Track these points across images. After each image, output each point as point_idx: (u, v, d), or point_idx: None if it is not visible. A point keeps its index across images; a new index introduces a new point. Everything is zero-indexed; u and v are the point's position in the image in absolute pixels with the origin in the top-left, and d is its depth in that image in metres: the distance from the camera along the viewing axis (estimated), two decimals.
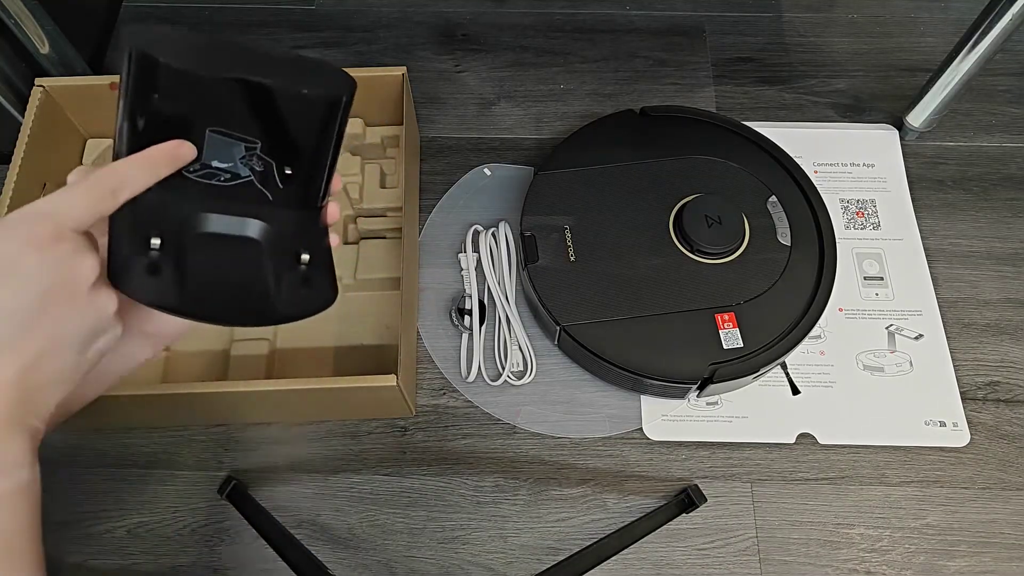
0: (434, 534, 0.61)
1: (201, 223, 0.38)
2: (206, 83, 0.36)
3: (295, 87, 0.37)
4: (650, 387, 0.62)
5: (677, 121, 0.72)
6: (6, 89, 0.72)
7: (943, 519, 0.61)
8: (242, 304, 0.39)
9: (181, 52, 0.35)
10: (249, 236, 0.39)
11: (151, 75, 0.34)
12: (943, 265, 0.71)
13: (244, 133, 0.38)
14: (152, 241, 0.36)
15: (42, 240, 0.31)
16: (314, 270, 0.40)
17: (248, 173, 0.39)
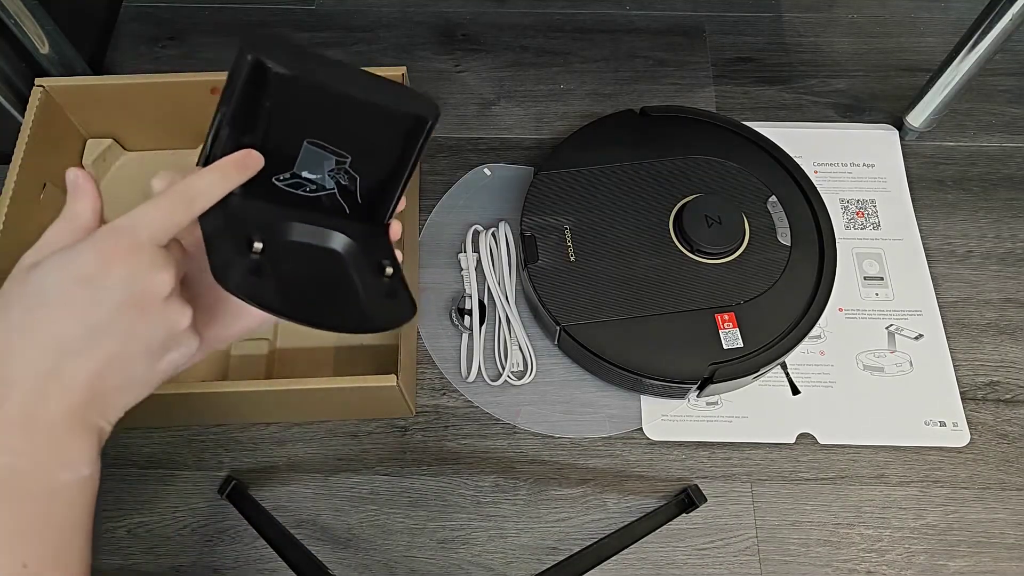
0: (434, 534, 0.61)
1: (292, 231, 0.39)
2: (310, 95, 0.36)
3: (393, 107, 0.39)
4: (650, 387, 0.62)
5: (677, 121, 0.72)
6: (6, 89, 0.72)
7: (943, 519, 0.61)
8: (336, 309, 0.39)
9: (290, 61, 0.36)
10: (334, 248, 0.41)
11: (261, 82, 0.35)
12: (943, 265, 0.71)
13: (337, 147, 0.39)
14: (255, 244, 0.36)
15: (119, 253, 0.32)
16: (396, 283, 0.41)
17: (332, 186, 0.40)
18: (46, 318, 0.32)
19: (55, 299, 0.32)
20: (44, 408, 0.31)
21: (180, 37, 0.85)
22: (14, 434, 0.31)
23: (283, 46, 0.36)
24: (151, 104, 0.68)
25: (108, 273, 0.32)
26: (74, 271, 0.32)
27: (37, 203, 0.64)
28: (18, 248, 0.61)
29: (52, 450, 0.32)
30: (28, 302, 0.32)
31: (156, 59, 0.83)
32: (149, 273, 0.33)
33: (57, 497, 0.32)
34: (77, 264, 0.32)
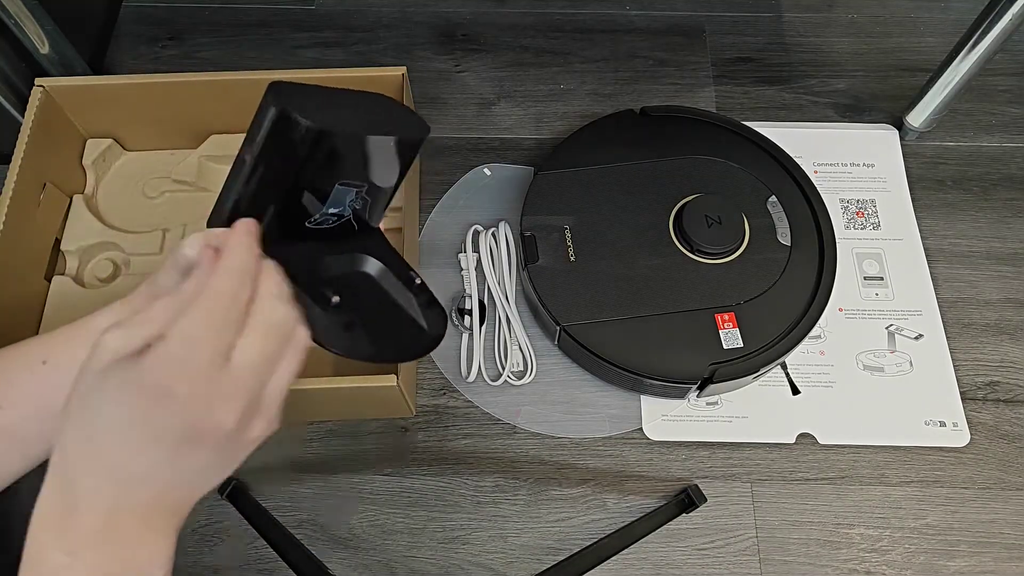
0: (434, 534, 0.61)
1: (334, 267, 0.40)
2: (335, 139, 0.36)
3: (399, 135, 0.39)
4: (650, 387, 0.62)
5: (677, 121, 0.72)
6: (6, 89, 0.72)
7: (943, 519, 0.61)
8: (403, 337, 0.40)
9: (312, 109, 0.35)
10: (368, 272, 0.41)
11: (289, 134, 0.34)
12: (943, 265, 0.71)
13: (356, 179, 0.39)
14: (333, 299, 0.36)
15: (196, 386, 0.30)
16: (426, 291, 0.42)
17: (349, 212, 0.41)
18: (111, 447, 0.30)
19: (114, 429, 0.30)
20: (117, 527, 0.30)
21: (180, 37, 0.85)
22: (91, 551, 0.30)
23: (302, 93, 0.36)
24: (151, 104, 0.68)
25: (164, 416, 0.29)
26: (130, 405, 0.29)
27: (37, 203, 0.64)
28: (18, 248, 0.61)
29: (127, 562, 0.30)
30: (93, 423, 0.30)
31: (156, 59, 0.83)
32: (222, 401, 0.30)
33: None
34: (132, 398, 0.29)
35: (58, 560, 0.29)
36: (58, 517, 0.30)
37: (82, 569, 0.29)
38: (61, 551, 0.29)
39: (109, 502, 0.30)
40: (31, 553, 0.30)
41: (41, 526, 0.30)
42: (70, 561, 0.29)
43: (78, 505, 0.30)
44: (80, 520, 0.30)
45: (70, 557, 0.29)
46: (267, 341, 0.31)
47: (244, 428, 0.31)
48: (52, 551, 0.30)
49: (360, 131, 0.38)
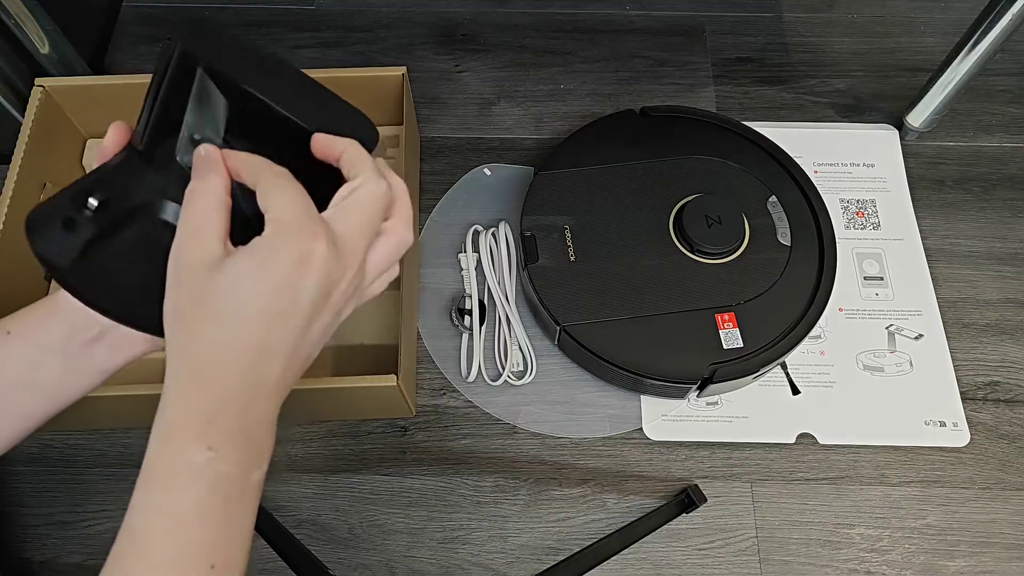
0: (434, 534, 0.61)
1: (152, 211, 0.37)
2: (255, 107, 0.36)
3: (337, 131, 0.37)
4: (650, 387, 0.62)
5: (677, 121, 0.72)
6: (6, 89, 0.72)
7: (943, 519, 0.61)
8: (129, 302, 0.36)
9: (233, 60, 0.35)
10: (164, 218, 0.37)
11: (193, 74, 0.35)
12: (943, 265, 0.71)
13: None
14: (90, 200, 0.35)
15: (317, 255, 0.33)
16: None
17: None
18: (248, 334, 0.32)
19: (255, 311, 0.32)
20: (252, 412, 0.32)
21: None
22: (228, 444, 0.32)
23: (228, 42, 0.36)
24: None
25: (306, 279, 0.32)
26: (273, 280, 0.32)
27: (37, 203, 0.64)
28: (18, 248, 0.61)
29: (253, 453, 0.33)
30: (223, 314, 0.32)
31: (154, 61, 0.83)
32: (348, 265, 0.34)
33: (247, 499, 0.33)
34: (274, 273, 0.32)
35: (199, 457, 0.31)
36: (198, 422, 0.31)
37: (222, 460, 0.31)
38: (201, 448, 0.31)
39: (247, 394, 0.32)
40: (172, 459, 0.31)
41: (182, 434, 0.31)
42: (211, 455, 0.31)
43: (214, 404, 0.32)
44: (219, 420, 0.32)
45: (211, 451, 0.31)
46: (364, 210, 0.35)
47: (354, 292, 0.35)
48: (192, 451, 0.31)
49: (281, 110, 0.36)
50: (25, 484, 0.63)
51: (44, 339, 0.40)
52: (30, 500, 0.62)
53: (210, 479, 0.31)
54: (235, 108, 0.36)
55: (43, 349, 0.40)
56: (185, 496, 0.31)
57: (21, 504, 0.62)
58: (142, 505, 0.32)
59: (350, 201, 0.34)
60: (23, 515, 0.61)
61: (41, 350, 0.40)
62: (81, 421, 0.63)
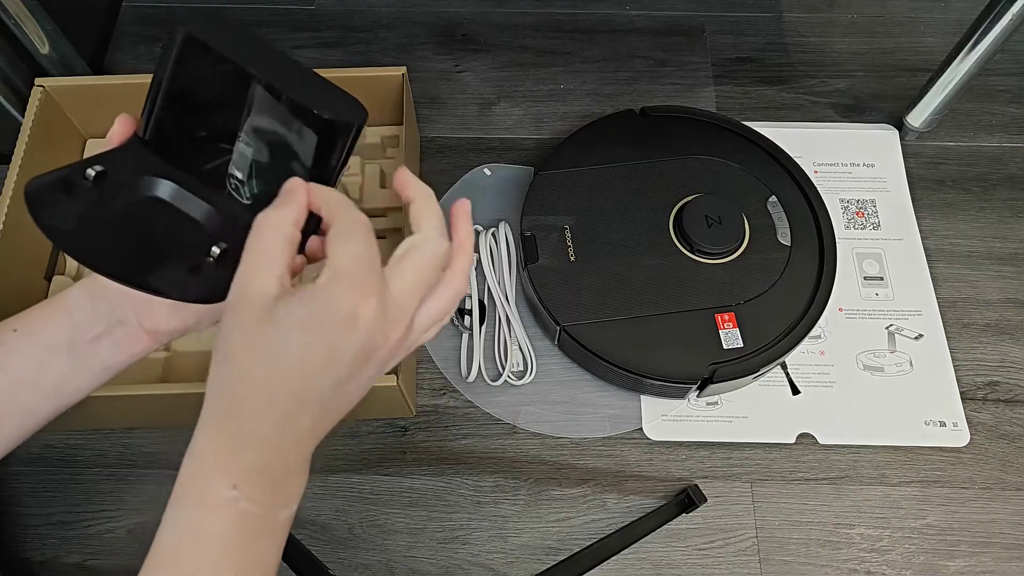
0: (434, 534, 0.61)
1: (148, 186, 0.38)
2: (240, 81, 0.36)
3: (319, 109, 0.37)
4: (650, 387, 0.62)
5: (677, 121, 0.72)
6: (6, 89, 0.72)
7: (943, 519, 0.61)
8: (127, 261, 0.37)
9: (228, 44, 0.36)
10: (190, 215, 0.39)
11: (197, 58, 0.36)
12: (943, 265, 0.71)
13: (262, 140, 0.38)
14: (88, 171, 0.36)
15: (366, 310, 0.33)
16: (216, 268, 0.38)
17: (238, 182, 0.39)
18: (288, 381, 0.32)
19: (298, 360, 0.32)
20: (279, 456, 0.33)
21: None
22: (254, 483, 0.32)
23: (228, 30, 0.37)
24: None
25: (349, 338, 0.32)
26: (319, 334, 0.32)
27: None
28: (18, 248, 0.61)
29: (279, 494, 0.33)
30: (266, 357, 0.32)
31: (156, 59, 0.83)
32: (396, 326, 0.34)
33: (273, 535, 0.34)
34: (321, 327, 0.32)
35: (224, 493, 0.31)
36: (226, 457, 0.32)
37: (245, 500, 0.32)
38: (226, 485, 0.32)
39: (278, 435, 0.32)
40: (198, 486, 0.32)
41: (210, 466, 0.32)
42: (236, 494, 0.31)
43: (242, 443, 0.32)
44: (245, 458, 0.32)
45: (235, 490, 0.31)
46: (420, 272, 0.35)
47: (400, 347, 0.35)
48: (218, 485, 0.32)
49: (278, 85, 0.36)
50: (25, 484, 0.63)
51: (50, 338, 0.40)
52: (30, 500, 0.62)
53: (234, 515, 0.32)
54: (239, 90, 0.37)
55: (49, 348, 0.40)
56: (210, 524, 0.32)
57: (21, 504, 0.62)
58: (172, 522, 0.33)
59: (409, 261, 0.35)
60: (23, 515, 0.61)
61: (47, 349, 0.40)
62: (81, 421, 0.63)
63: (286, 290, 0.33)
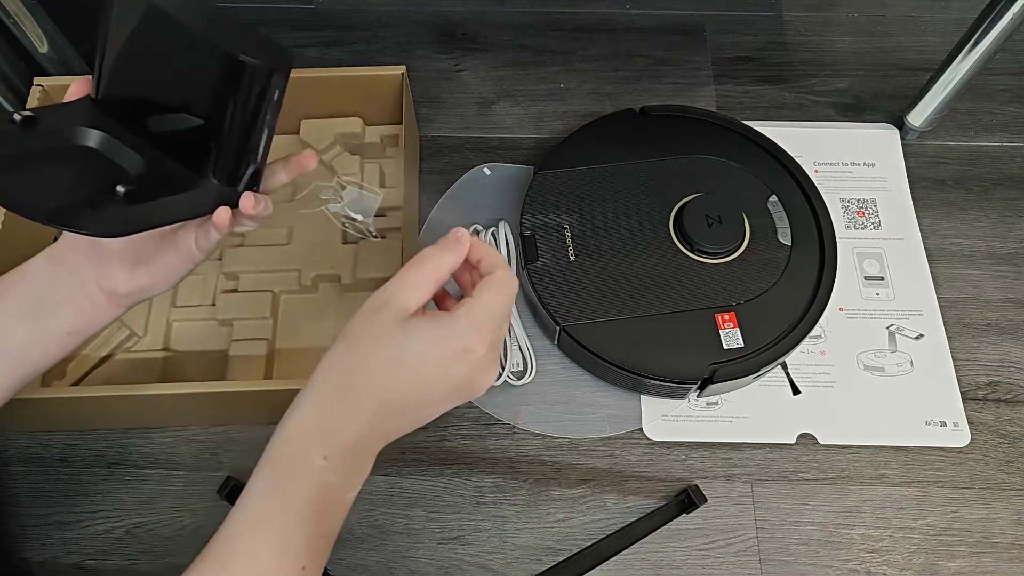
0: (433, 534, 0.61)
1: (77, 135, 0.41)
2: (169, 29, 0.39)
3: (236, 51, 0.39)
4: (650, 387, 0.62)
5: (677, 120, 0.72)
6: (5, 88, 0.72)
7: (944, 519, 0.61)
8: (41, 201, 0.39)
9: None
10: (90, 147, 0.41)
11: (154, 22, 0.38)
12: (944, 265, 0.71)
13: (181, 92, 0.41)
14: (15, 115, 0.39)
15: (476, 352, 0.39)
16: (123, 206, 0.40)
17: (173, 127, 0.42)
18: (397, 382, 0.37)
19: (411, 369, 0.37)
20: (365, 444, 0.38)
21: None
22: (341, 460, 0.37)
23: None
24: None
25: (459, 368, 0.38)
26: (437, 354, 0.37)
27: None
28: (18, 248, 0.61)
29: (354, 475, 0.38)
30: (388, 358, 0.37)
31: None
32: (489, 373, 0.39)
33: (341, 512, 0.38)
34: (441, 349, 0.37)
35: (317, 462, 0.36)
36: (325, 429, 0.37)
37: (331, 472, 0.36)
38: (321, 453, 0.36)
39: (368, 426, 0.37)
40: (295, 451, 0.36)
41: (309, 434, 0.37)
42: (324, 464, 0.36)
43: (343, 422, 0.37)
44: (341, 435, 0.37)
45: (325, 461, 0.36)
46: (507, 310, 0.41)
47: (489, 376, 0.40)
48: (314, 454, 0.36)
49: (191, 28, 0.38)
50: (23, 484, 0.62)
51: (13, 304, 0.43)
52: (28, 500, 0.62)
53: (319, 482, 0.36)
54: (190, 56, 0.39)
55: (12, 314, 0.43)
56: (299, 487, 0.36)
57: (19, 504, 0.62)
58: (262, 483, 0.36)
59: (497, 310, 0.39)
60: (21, 515, 0.61)
61: (10, 315, 0.43)
62: (80, 421, 0.63)
63: (417, 313, 0.38)
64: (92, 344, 0.64)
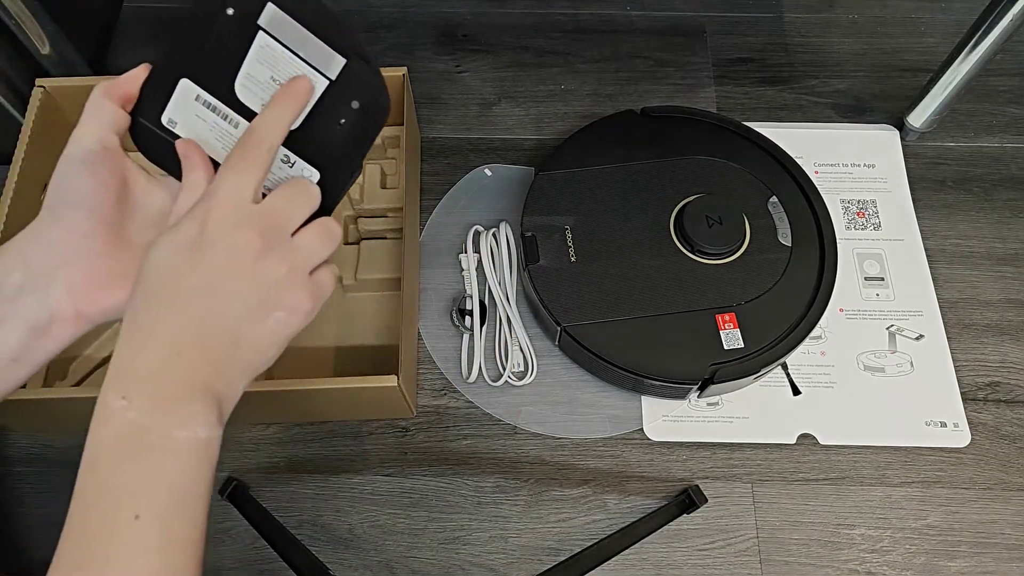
0: (435, 535, 0.61)
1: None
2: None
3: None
4: (651, 388, 0.62)
5: (678, 121, 0.72)
6: (6, 90, 0.72)
7: (944, 520, 0.61)
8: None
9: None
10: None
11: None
12: (944, 266, 0.71)
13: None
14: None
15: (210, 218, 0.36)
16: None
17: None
18: (158, 287, 0.35)
19: (164, 269, 0.35)
20: (166, 368, 0.34)
21: None
22: (143, 393, 0.33)
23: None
24: None
25: (203, 238, 0.35)
26: (177, 242, 0.35)
27: (37, 203, 0.64)
28: None
29: (170, 408, 0.34)
30: (145, 274, 0.35)
31: None
32: (236, 232, 0.35)
33: (172, 455, 0.34)
34: (179, 235, 0.35)
35: (116, 403, 0.33)
36: (120, 367, 0.34)
37: (133, 410, 0.33)
38: (118, 394, 0.33)
39: (163, 345, 0.34)
40: (99, 399, 0.34)
41: (108, 376, 0.34)
42: (124, 403, 0.33)
43: (136, 356, 0.34)
44: (135, 367, 0.34)
45: (124, 400, 0.33)
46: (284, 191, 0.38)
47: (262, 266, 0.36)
48: (112, 395, 0.34)
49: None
50: (25, 484, 0.63)
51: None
52: (31, 500, 0.62)
53: (123, 424, 0.33)
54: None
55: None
56: (101, 435, 0.33)
57: (22, 504, 0.62)
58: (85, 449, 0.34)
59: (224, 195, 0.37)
60: (24, 515, 0.61)
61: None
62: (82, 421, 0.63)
63: None
64: (94, 345, 0.64)
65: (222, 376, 0.35)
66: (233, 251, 0.35)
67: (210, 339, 0.35)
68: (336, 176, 0.40)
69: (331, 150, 0.40)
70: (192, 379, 0.34)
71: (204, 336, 0.35)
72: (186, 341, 0.35)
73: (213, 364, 0.35)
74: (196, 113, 0.40)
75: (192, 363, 0.34)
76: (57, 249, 0.38)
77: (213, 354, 0.35)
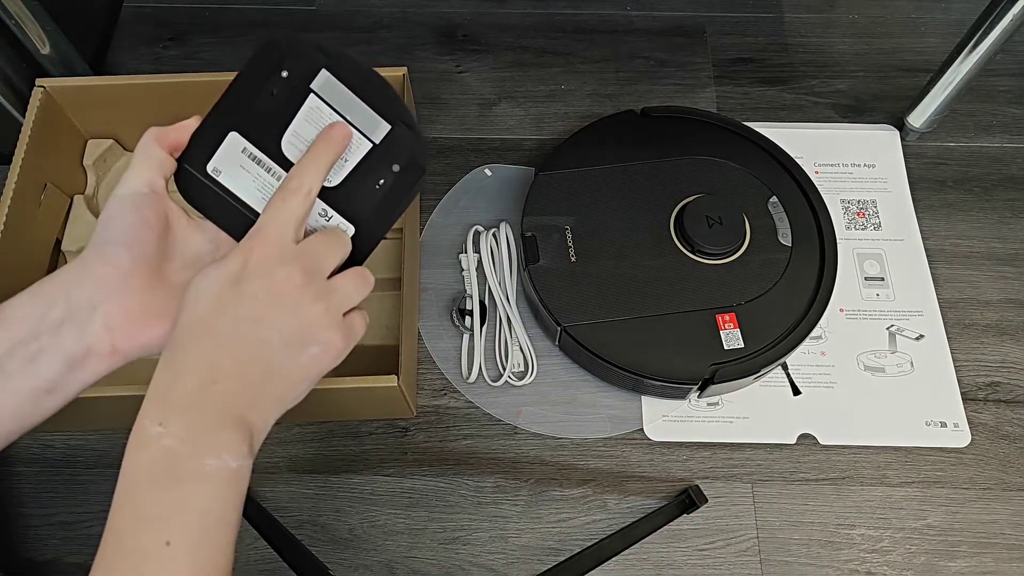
0: (435, 535, 0.61)
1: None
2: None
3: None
4: (651, 388, 0.62)
5: (678, 121, 0.72)
6: (7, 90, 0.72)
7: (944, 520, 0.61)
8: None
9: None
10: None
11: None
12: (944, 266, 0.71)
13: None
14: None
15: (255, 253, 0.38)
16: None
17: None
18: (201, 315, 0.36)
19: (207, 299, 0.36)
20: (203, 395, 0.35)
21: (181, 38, 0.85)
22: (178, 421, 0.34)
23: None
24: (152, 105, 0.68)
25: (245, 271, 0.36)
26: (221, 274, 0.36)
27: (38, 203, 0.64)
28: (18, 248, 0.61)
29: (204, 437, 0.34)
30: (188, 304, 0.37)
31: (157, 60, 0.83)
32: (278, 267, 0.37)
33: (204, 483, 0.34)
34: (224, 268, 0.37)
35: (153, 429, 0.34)
36: (159, 394, 0.35)
37: (169, 436, 0.34)
38: (155, 421, 0.34)
39: (201, 374, 0.35)
40: (136, 424, 0.34)
41: (146, 400, 0.35)
42: (160, 430, 0.34)
43: (174, 383, 0.35)
44: (174, 394, 0.35)
45: (161, 427, 0.34)
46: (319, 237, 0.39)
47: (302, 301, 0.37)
48: (149, 421, 0.34)
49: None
50: (26, 484, 0.63)
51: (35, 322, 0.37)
52: (31, 500, 0.62)
53: (158, 451, 0.34)
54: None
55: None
56: (136, 460, 0.34)
57: (22, 504, 0.62)
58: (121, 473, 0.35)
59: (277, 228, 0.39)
60: (24, 515, 0.61)
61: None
62: (82, 422, 0.63)
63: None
64: None
65: (255, 407, 0.36)
66: (275, 285, 0.36)
67: (247, 369, 0.36)
68: (370, 232, 0.42)
69: (367, 208, 0.42)
70: (227, 409, 0.35)
71: (241, 365, 0.36)
72: (224, 369, 0.35)
73: (248, 395, 0.36)
74: (241, 164, 0.41)
75: (228, 393, 0.35)
76: (99, 285, 0.38)
77: (249, 385, 0.36)
